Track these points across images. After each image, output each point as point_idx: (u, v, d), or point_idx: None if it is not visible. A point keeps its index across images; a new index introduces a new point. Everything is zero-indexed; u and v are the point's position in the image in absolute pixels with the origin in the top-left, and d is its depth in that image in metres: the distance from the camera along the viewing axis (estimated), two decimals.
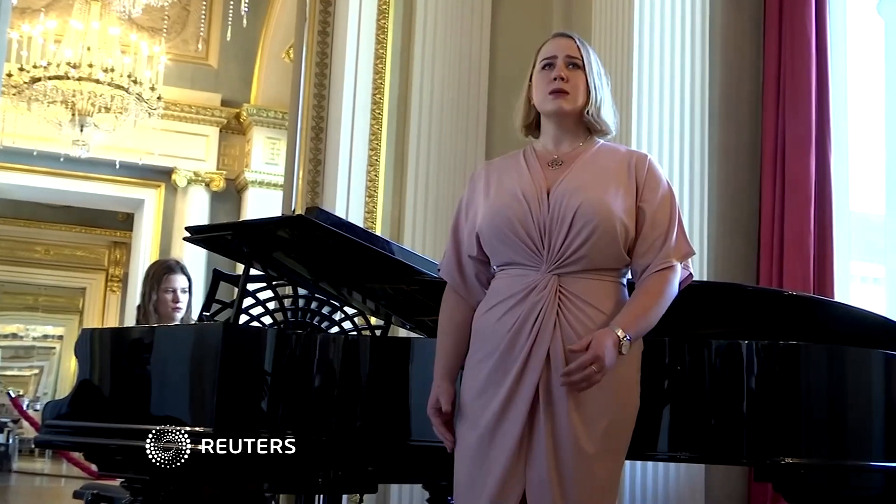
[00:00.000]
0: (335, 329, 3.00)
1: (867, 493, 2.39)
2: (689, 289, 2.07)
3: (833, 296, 3.80)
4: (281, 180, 6.94)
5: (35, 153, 9.47)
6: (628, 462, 2.72)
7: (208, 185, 10.27)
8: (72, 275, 15.42)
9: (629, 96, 4.01)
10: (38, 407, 12.87)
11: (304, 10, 4.91)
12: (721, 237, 4.13)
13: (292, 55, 5.68)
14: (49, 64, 8.41)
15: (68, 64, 8.39)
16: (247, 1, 7.69)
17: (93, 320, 14.48)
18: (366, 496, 3.11)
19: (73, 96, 8.51)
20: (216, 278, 2.96)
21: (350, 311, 3.06)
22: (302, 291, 3.03)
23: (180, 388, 2.54)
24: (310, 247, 2.72)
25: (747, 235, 4.20)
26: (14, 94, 8.47)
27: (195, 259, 7.41)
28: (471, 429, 1.99)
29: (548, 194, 2.01)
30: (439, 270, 2.23)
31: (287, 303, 2.95)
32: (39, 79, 8.43)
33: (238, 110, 10.26)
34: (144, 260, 9.97)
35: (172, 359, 2.58)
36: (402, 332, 3.44)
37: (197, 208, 10.13)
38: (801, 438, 2.27)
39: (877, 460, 2.35)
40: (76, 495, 4.14)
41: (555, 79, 2.07)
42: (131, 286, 11.01)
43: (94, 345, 2.79)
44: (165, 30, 9.24)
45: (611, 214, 1.97)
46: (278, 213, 5.66)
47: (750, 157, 4.27)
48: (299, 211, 4.55)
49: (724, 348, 2.31)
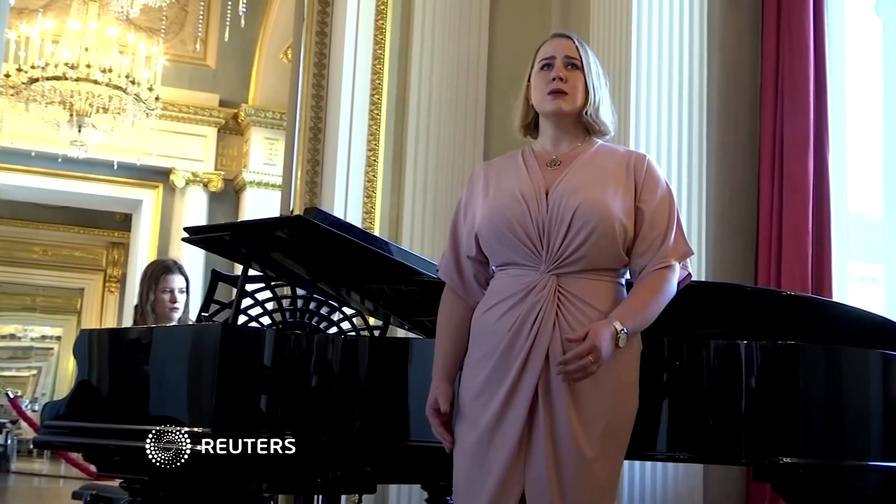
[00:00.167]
0: (334, 329, 3.00)
1: (865, 492, 2.40)
2: (687, 289, 2.07)
3: (831, 296, 3.80)
4: (279, 181, 6.94)
5: (33, 154, 9.47)
6: (627, 462, 2.72)
7: (206, 185, 10.27)
8: (70, 275, 15.42)
9: (627, 97, 4.01)
10: (37, 407, 12.87)
11: (302, 10, 4.90)
12: (719, 237, 4.12)
13: (290, 55, 5.67)
14: (47, 64, 8.41)
15: (66, 64, 8.39)
16: (245, 1, 7.69)
17: (91, 321, 14.48)
18: (364, 496, 3.10)
19: (71, 97, 8.50)
20: (214, 279, 2.97)
21: (348, 311, 3.06)
22: (300, 292, 3.03)
23: (179, 389, 2.55)
24: (308, 247, 2.72)
25: (745, 235, 4.20)
26: (12, 95, 8.47)
27: (193, 259, 7.40)
28: (470, 429, 1.99)
29: (546, 195, 2.01)
30: (438, 271, 2.23)
31: (286, 303, 2.95)
32: (37, 79, 8.42)
33: (236, 111, 10.27)
34: (142, 260, 9.94)
35: (171, 359, 2.58)
36: (401, 333, 3.44)
37: (195, 209, 10.13)
38: (800, 438, 2.27)
39: (875, 460, 2.36)
40: (75, 496, 4.14)
41: (553, 79, 2.07)
42: (129, 287, 10.98)
43: (92, 345, 2.79)
44: (163, 30, 9.25)
45: (609, 215, 1.97)
46: (276, 213, 5.66)
47: (748, 157, 4.27)
48: (297, 211, 4.54)
49: (723, 348, 2.32)
